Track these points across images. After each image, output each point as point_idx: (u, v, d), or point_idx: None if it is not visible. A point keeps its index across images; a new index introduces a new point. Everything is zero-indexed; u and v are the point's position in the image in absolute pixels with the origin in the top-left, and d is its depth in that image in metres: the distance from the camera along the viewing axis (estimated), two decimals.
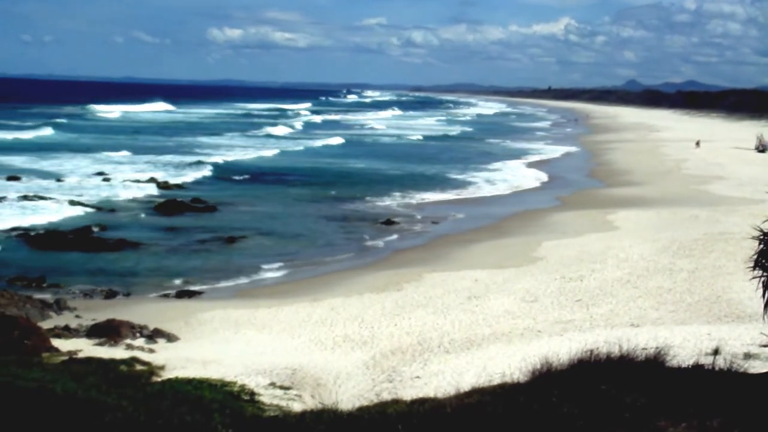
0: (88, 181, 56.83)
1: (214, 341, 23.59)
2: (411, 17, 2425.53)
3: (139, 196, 51.55)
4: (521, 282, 29.99)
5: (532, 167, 75.28)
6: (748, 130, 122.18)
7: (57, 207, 45.56)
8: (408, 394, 17.18)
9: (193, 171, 64.89)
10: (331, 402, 12.68)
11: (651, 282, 29.66)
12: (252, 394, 17.61)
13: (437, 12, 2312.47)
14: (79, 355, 20.53)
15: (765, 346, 14.21)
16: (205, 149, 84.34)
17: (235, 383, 18.16)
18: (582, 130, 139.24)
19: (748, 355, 18.27)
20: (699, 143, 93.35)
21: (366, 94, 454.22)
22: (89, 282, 31.25)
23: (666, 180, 62.80)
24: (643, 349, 11.09)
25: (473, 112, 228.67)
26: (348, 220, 45.98)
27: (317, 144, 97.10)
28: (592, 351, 10.39)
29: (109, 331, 23.52)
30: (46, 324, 24.38)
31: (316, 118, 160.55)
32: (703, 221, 42.24)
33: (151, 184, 56.38)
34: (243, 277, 32.79)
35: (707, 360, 11.03)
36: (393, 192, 56.70)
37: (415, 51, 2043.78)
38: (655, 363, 10.16)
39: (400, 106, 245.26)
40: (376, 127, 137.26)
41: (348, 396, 18.18)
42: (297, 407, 15.56)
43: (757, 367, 14.73)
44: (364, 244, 39.53)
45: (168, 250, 37.14)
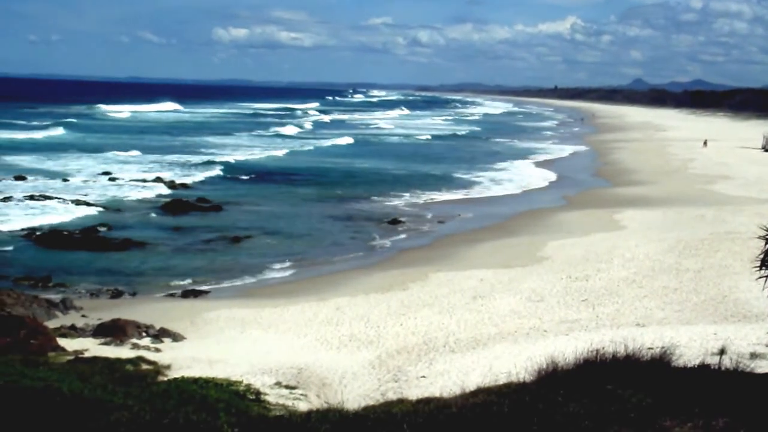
0: (95, 181, 56.87)
1: (219, 341, 23.60)
2: (417, 17, 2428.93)
3: (148, 196, 51.55)
4: (527, 281, 29.96)
5: (540, 167, 75.20)
6: (754, 129, 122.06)
7: (63, 207, 45.65)
8: (413, 393, 17.16)
9: (203, 171, 64.93)
10: (337, 401, 12.66)
11: (657, 282, 29.61)
12: (258, 393, 17.60)
13: (443, 11, 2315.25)
14: (85, 355, 20.55)
15: None
16: (215, 149, 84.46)
17: (241, 383, 18.15)
18: (588, 129, 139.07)
19: (754, 355, 18.25)
20: (706, 143, 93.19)
21: (372, 93, 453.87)
22: (95, 281, 31.30)
23: (672, 179, 62.70)
24: (649, 349, 11.09)
25: (480, 111, 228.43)
26: (354, 219, 45.96)
27: (326, 144, 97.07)
28: (597, 351, 10.38)
29: (115, 331, 23.54)
30: (52, 323, 24.41)
31: (324, 117, 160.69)
32: (710, 221, 42.17)
33: (158, 183, 56.46)
34: (249, 277, 32.80)
35: (713, 360, 11.01)
36: (400, 191, 56.72)
37: (421, 50, 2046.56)
38: (661, 363, 10.15)
39: (407, 105, 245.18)
40: (384, 127, 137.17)
41: (354, 395, 18.16)
42: (303, 407, 15.55)
43: (764, 367, 14.69)
44: (370, 243, 39.51)
45: (174, 249, 37.17)
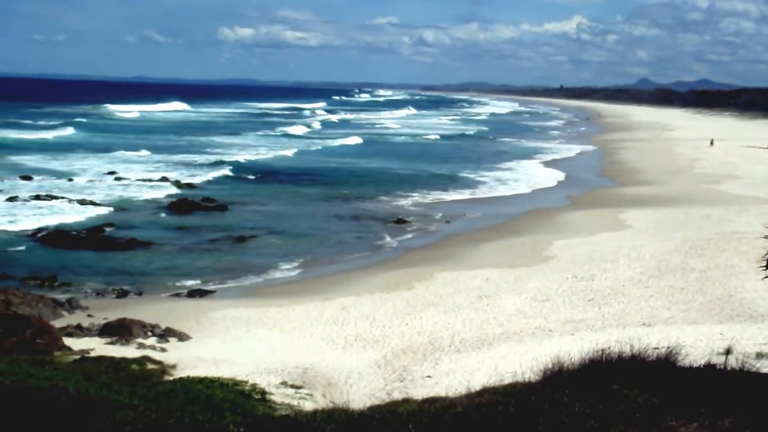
0: (101, 181, 56.95)
1: (225, 340, 23.62)
2: (422, 16, 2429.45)
3: (154, 195, 51.55)
4: (532, 281, 29.94)
5: (548, 166, 75.15)
6: (761, 128, 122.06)
7: (70, 206, 45.74)
8: (419, 393, 17.16)
9: (211, 171, 65.01)
10: (342, 401, 12.69)
11: (663, 281, 29.56)
12: (263, 393, 17.59)
13: (449, 11, 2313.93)
14: (91, 354, 20.57)
15: None
16: (223, 149, 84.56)
17: (247, 382, 18.13)
18: (594, 129, 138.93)
19: (760, 355, 18.19)
20: (713, 142, 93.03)
21: (378, 93, 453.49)
22: (101, 281, 31.37)
23: (678, 179, 62.61)
24: (655, 349, 11.08)
25: (487, 111, 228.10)
26: (360, 219, 45.98)
27: (335, 143, 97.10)
28: (603, 350, 10.37)
29: (121, 330, 23.57)
30: (58, 323, 24.44)
31: (332, 117, 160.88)
32: (716, 220, 42.09)
33: (165, 183, 56.56)
34: (254, 276, 32.84)
35: (719, 360, 11.00)
36: (408, 191, 56.73)
37: (427, 50, 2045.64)
38: (667, 363, 10.13)
39: (414, 105, 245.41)
40: (391, 127, 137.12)
41: (359, 395, 18.17)
42: (308, 406, 15.55)
43: None
44: (375, 243, 39.53)
45: (179, 249, 37.22)
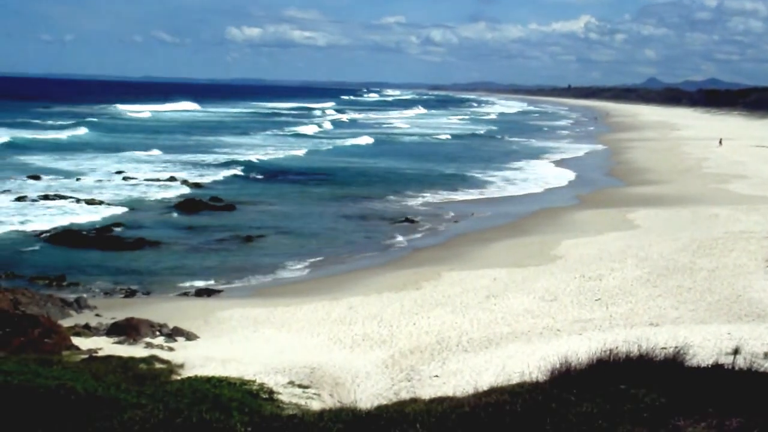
0: (110, 180, 57.06)
1: (233, 340, 23.64)
2: (430, 15, 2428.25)
3: (164, 195, 51.63)
4: (540, 281, 29.91)
5: (559, 166, 75.13)
6: None
7: (78, 206, 45.84)
8: (427, 393, 17.16)
9: (223, 170, 65.12)
10: (350, 401, 12.69)
11: (671, 281, 29.51)
12: (271, 392, 17.62)
13: (456, 10, 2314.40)
14: (99, 354, 20.61)
15: None
16: (234, 148, 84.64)
17: (254, 382, 18.16)
18: (603, 128, 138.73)
19: None
20: (722, 141, 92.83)
21: (387, 92, 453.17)
22: (109, 281, 31.44)
23: (686, 178, 62.50)
24: (663, 349, 11.05)
25: (495, 110, 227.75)
26: (368, 218, 46.01)
27: (347, 143, 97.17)
28: (611, 350, 10.35)
29: (129, 330, 23.61)
30: (66, 322, 24.50)
31: (342, 116, 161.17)
32: (724, 220, 41.99)
33: (174, 182, 56.64)
34: (262, 276, 32.86)
35: (727, 359, 10.98)
36: (418, 191, 56.77)
37: (434, 49, 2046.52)
38: (675, 362, 10.11)
39: (423, 104, 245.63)
40: (402, 126, 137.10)
41: (367, 395, 18.17)
42: (316, 406, 15.57)
43: None
44: (383, 242, 39.54)
45: (187, 248, 37.27)
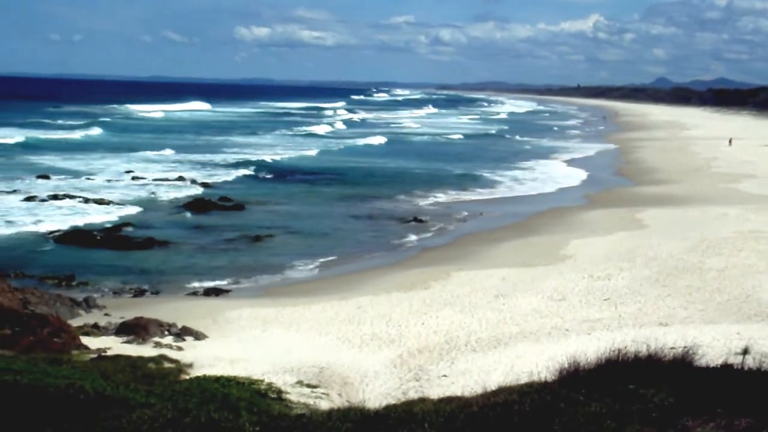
0: (120, 180, 57.17)
1: (241, 339, 23.67)
2: (438, 15, 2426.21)
3: (176, 195, 51.66)
4: (549, 280, 29.88)
5: (571, 165, 75.09)
6: None
7: (87, 206, 45.95)
8: (435, 392, 17.16)
9: (236, 170, 65.22)
10: (358, 400, 12.67)
11: (680, 281, 29.46)
12: (279, 392, 17.64)
13: (465, 10, 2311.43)
14: (108, 353, 20.65)
15: None
16: (248, 148, 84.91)
17: (263, 381, 18.19)
18: (612, 128, 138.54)
19: None
20: (731, 141, 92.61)
21: (396, 92, 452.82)
22: (118, 280, 31.49)
23: (695, 178, 62.40)
24: (672, 349, 11.02)
25: (505, 110, 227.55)
26: (377, 218, 46.02)
27: (360, 143, 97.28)
28: (620, 350, 10.32)
29: (138, 329, 23.64)
30: (75, 322, 24.57)
31: (354, 116, 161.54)
32: (733, 219, 41.91)
33: (184, 182, 56.76)
34: (270, 276, 32.89)
35: (736, 359, 10.92)
36: (430, 191, 56.83)
37: (443, 49, 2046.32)
38: (684, 362, 10.08)
39: (433, 104, 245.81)
40: (413, 126, 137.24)
41: (375, 394, 18.17)
42: (324, 405, 15.57)
43: None
44: (392, 242, 39.53)
45: (196, 248, 37.32)
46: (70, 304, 26.87)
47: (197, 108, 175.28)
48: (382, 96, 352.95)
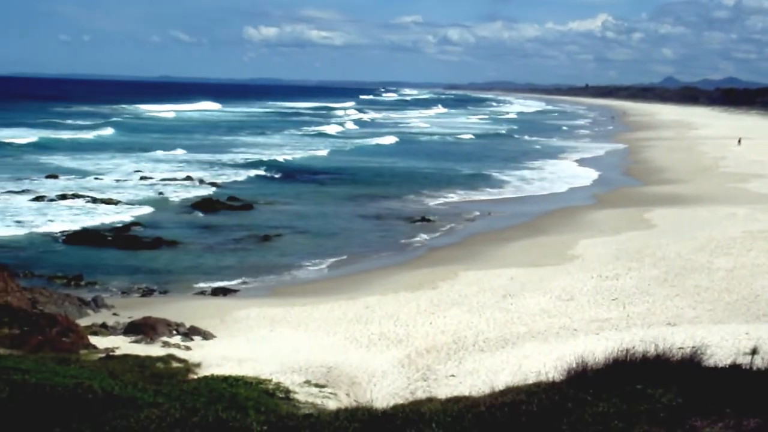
0: (128, 180, 57.24)
1: (249, 339, 23.68)
2: (446, 15, 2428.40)
3: (186, 195, 51.67)
4: (557, 280, 29.85)
5: (582, 165, 75.04)
6: None
7: (96, 206, 46.04)
8: (443, 392, 17.17)
9: (248, 170, 65.28)
10: (366, 400, 12.68)
11: (688, 281, 29.40)
12: (287, 391, 17.64)
13: (473, 9, 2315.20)
14: (116, 353, 20.68)
15: None
16: (260, 148, 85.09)
17: (270, 381, 18.19)
18: (620, 127, 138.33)
19: None
20: (740, 141, 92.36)
21: (404, 92, 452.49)
22: (126, 280, 31.54)
23: (704, 178, 62.25)
24: (680, 349, 10.99)
25: (514, 110, 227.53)
26: (386, 218, 46.04)
27: (371, 143, 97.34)
28: (628, 350, 10.30)
29: (146, 329, 23.67)
30: (83, 321, 24.62)
31: (364, 116, 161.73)
32: (742, 219, 41.80)
33: (193, 182, 56.84)
34: (278, 275, 32.92)
35: (745, 360, 10.89)
36: (438, 190, 56.96)
37: (451, 49, 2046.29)
38: (692, 362, 10.06)
39: (442, 104, 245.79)
40: (422, 126, 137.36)
41: (383, 394, 18.19)
42: (332, 405, 15.59)
43: None
44: (400, 242, 39.52)
45: (204, 248, 37.35)
46: (78, 303, 26.94)
47: (208, 108, 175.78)
48: (390, 96, 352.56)
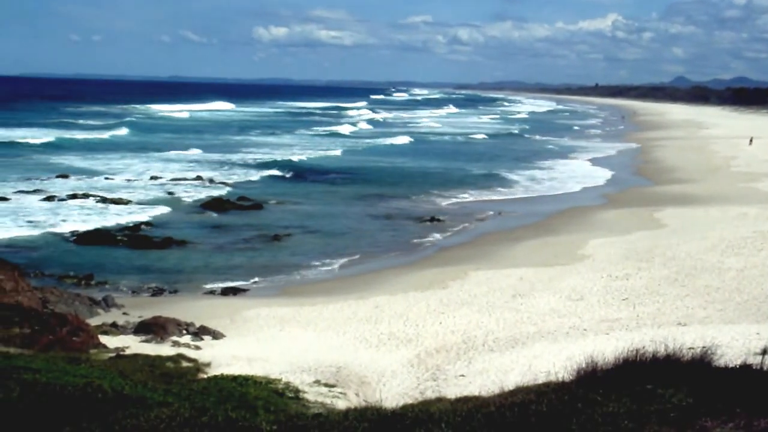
0: (139, 180, 57.35)
1: (259, 338, 23.71)
2: (456, 15, 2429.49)
3: (197, 195, 51.69)
4: (567, 280, 29.81)
5: (596, 165, 74.97)
6: None
7: (106, 206, 46.14)
8: (452, 392, 17.16)
9: (262, 170, 65.36)
10: (376, 400, 12.68)
11: (699, 281, 29.32)
12: (296, 391, 17.63)
13: (483, 9, 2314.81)
14: (127, 352, 20.73)
15: None
16: (274, 148, 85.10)
17: (280, 380, 18.19)
18: (631, 127, 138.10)
19: None
20: (752, 140, 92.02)
21: (414, 92, 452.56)
22: (136, 279, 31.61)
23: (714, 177, 62.08)
24: (690, 349, 10.97)
25: (525, 109, 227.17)
26: (396, 217, 46.02)
27: (385, 142, 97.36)
28: (638, 350, 10.28)
29: (156, 328, 23.73)
30: (94, 321, 24.68)
31: (376, 116, 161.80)
32: (752, 219, 41.67)
33: (205, 182, 56.93)
34: (288, 275, 32.94)
35: (755, 360, 10.86)
36: (449, 190, 56.94)
37: (461, 48, 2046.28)
38: (702, 362, 10.03)
39: (453, 104, 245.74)
40: (434, 126, 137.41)
41: (392, 394, 18.18)
42: (341, 405, 15.58)
43: None
44: (410, 241, 39.51)
45: (214, 247, 37.40)
46: (88, 303, 27.00)
47: (221, 108, 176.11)
48: (401, 96, 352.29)
